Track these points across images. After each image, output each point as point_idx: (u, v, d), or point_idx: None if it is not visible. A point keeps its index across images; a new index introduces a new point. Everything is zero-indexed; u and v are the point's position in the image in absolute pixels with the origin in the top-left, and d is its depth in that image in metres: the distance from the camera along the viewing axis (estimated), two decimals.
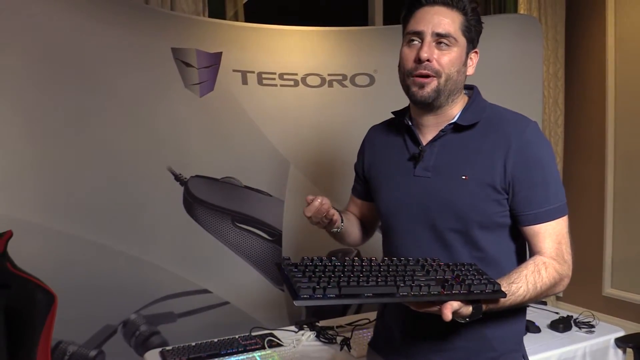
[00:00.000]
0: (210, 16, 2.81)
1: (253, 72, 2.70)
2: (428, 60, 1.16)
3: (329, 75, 2.82)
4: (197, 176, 2.54)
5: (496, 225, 1.20)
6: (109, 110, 2.33)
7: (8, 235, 1.60)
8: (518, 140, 1.16)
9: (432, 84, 1.18)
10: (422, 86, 1.18)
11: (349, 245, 1.53)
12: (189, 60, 2.53)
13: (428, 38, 1.17)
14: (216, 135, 2.61)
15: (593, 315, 2.12)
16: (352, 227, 1.44)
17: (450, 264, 1.10)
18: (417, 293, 0.98)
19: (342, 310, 2.60)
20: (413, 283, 0.99)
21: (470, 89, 1.30)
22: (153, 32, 2.46)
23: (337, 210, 1.33)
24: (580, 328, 2.06)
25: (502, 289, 1.05)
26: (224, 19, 2.91)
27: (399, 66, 1.24)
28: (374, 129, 1.44)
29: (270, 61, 2.74)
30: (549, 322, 2.10)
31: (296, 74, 2.78)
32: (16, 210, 2.08)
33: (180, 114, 2.51)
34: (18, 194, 2.11)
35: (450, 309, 0.97)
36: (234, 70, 2.65)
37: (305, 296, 0.93)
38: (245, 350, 1.84)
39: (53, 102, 2.18)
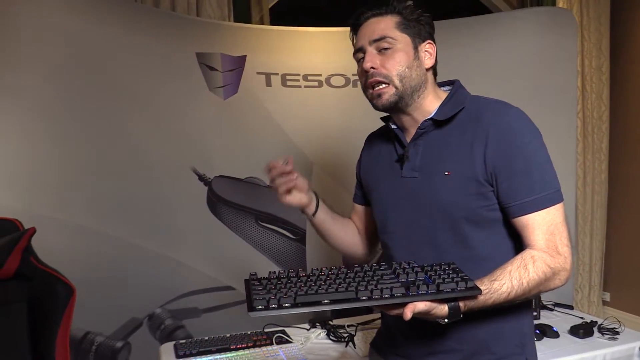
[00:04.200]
0: (235, 21, 2.88)
1: (277, 74, 2.75)
2: (373, 68, 1.18)
3: (353, 75, 2.82)
4: (220, 176, 2.62)
5: (485, 220, 1.16)
6: (135, 112, 2.45)
7: (31, 231, 1.72)
8: (496, 128, 1.13)
9: (389, 91, 1.19)
10: (379, 95, 1.20)
11: (344, 254, 1.53)
12: (214, 64, 2.61)
13: (368, 49, 1.20)
14: (240, 136, 2.68)
15: (619, 321, 2.02)
16: (337, 228, 1.44)
17: (426, 265, 1.09)
18: (378, 297, 0.98)
19: (367, 310, 2.59)
20: (376, 287, 0.99)
21: (451, 84, 1.28)
22: (178, 38, 2.56)
23: (317, 200, 1.39)
24: (602, 334, 1.96)
25: (483, 287, 1.03)
26: (250, 23, 2.97)
27: None
28: (370, 136, 1.45)
29: (294, 63, 2.78)
30: (569, 327, 2.02)
31: (320, 75, 2.81)
32: (48, 208, 2.21)
33: (205, 116, 2.60)
34: (54, 194, 2.23)
35: (411, 309, 0.97)
36: (258, 73, 2.72)
37: (259, 307, 0.95)
38: (255, 346, 1.89)
39: (79, 104, 2.30)
